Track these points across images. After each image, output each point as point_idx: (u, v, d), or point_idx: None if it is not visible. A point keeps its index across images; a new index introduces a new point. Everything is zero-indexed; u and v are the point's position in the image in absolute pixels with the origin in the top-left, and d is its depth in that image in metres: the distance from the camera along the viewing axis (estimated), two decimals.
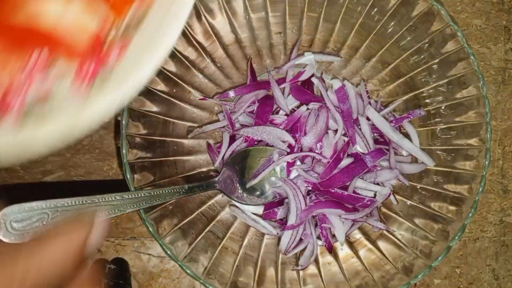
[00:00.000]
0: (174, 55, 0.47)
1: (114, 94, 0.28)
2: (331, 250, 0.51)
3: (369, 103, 0.52)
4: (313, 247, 0.50)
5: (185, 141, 0.52)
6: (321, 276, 0.49)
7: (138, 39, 0.29)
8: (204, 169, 0.54)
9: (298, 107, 0.53)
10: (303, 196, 0.50)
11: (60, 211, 0.34)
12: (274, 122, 0.52)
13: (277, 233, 0.52)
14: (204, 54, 0.50)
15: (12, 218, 0.31)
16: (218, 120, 0.54)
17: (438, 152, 0.49)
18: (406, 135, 0.51)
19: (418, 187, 0.50)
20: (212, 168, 0.54)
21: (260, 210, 0.52)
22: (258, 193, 0.51)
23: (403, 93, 0.51)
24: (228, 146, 0.52)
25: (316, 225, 0.51)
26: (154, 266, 0.55)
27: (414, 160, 0.51)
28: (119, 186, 0.56)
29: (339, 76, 0.55)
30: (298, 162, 0.52)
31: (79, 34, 0.28)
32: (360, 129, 0.51)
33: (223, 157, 0.52)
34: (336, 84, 0.52)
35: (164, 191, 0.43)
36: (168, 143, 0.50)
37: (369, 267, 0.48)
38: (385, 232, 0.50)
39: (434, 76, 0.47)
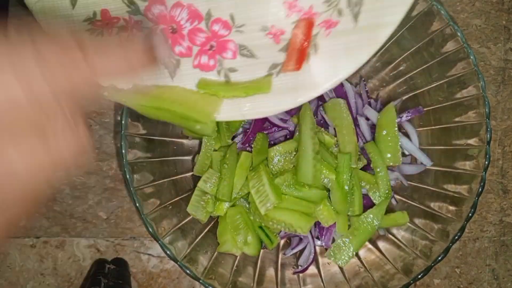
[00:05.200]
0: None
1: None
2: None
3: (369, 102, 0.52)
4: (311, 247, 0.50)
5: (185, 141, 0.52)
6: (320, 276, 0.49)
7: None
8: None
9: None
10: None
11: None
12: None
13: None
14: None
15: None
16: None
17: (437, 152, 0.49)
18: (406, 135, 0.51)
19: (418, 187, 0.50)
20: None
21: None
22: None
23: (403, 93, 0.51)
24: None
25: (315, 225, 0.51)
26: (153, 266, 0.55)
27: (414, 161, 0.51)
28: (120, 184, 0.56)
29: None
30: None
31: None
32: (359, 128, 0.51)
33: None
34: None
35: None
36: (168, 143, 0.50)
37: (369, 267, 0.48)
38: (385, 232, 0.50)
39: (434, 76, 0.47)
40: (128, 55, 0.24)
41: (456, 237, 0.43)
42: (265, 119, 0.50)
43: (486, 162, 0.43)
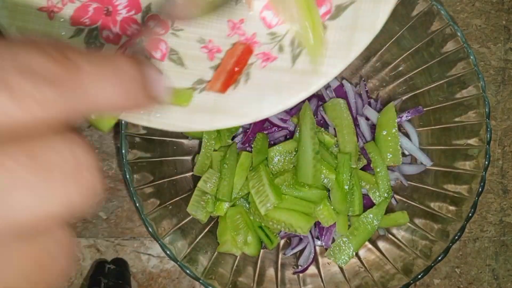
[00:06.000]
0: None
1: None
2: None
3: (369, 102, 0.52)
4: (311, 247, 0.50)
5: (184, 141, 0.52)
6: (320, 276, 0.49)
7: None
8: None
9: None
10: None
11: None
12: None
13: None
14: None
15: None
16: None
17: (437, 152, 0.49)
18: (406, 135, 0.51)
19: (418, 187, 0.50)
20: None
21: None
22: None
23: (403, 93, 0.51)
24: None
25: (315, 225, 0.51)
26: (153, 266, 0.55)
27: (414, 161, 0.51)
28: (120, 184, 0.56)
29: (338, 75, 0.55)
30: None
31: None
32: (359, 128, 0.51)
33: None
34: (334, 83, 0.52)
35: None
36: (168, 143, 0.50)
37: (369, 267, 0.48)
38: (385, 232, 0.50)
39: (434, 76, 0.47)
40: (126, 86, 0.18)
41: (456, 237, 0.43)
42: (265, 119, 0.50)
43: (486, 162, 0.43)
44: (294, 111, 0.50)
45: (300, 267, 0.50)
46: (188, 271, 0.43)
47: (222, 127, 0.32)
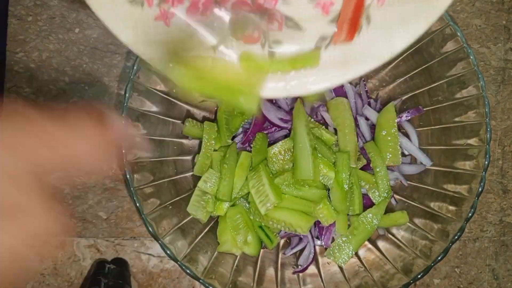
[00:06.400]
0: None
1: None
2: None
3: (369, 102, 0.52)
4: (311, 247, 0.50)
5: (184, 141, 0.52)
6: (320, 276, 0.49)
7: None
8: None
9: None
10: None
11: None
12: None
13: None
14: None
15: None
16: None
17: (437, 152, 0.49)
18: (406, 135, 0.51)
19: (417, 187, 0.50)
20: None
21: None
22: None
23: (403, 93, 0.51)
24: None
25: (315, 225, 0.51)
26: (153, 266, 0.55)
27: (414, 161, 0.51)
28: (120, 184, 0.56)
29: None
30: None
31: None
32: (359, 128, 0.51)
33: None
34: None
35: None
36: (168, 143, 0.50)
37: (369, 267, 0.48)
38: (384, 232, 0.50)
39: (434, 76, 0.47)
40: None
41: (456, 237, 0.43)
42: (265, 119, 0.50)
43: (486, 162, 0.43)
44: None
45: (300, 266, 0.50)
46: (188, 271, 0.43)
47: (356, 76, 0.32)
